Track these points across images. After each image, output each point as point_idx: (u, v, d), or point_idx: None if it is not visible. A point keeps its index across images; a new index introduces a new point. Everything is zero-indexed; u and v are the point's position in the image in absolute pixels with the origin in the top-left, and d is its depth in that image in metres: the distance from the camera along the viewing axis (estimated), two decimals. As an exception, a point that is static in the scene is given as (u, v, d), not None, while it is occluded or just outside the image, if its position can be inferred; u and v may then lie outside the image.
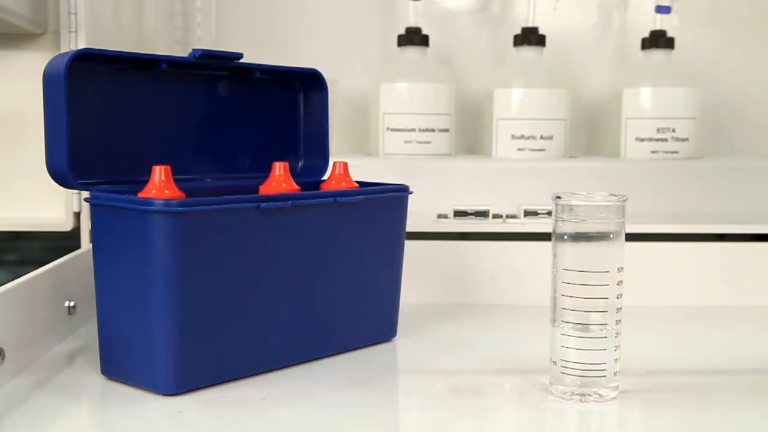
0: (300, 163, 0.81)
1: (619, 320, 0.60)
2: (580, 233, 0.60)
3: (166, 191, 0.63)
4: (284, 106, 0.81)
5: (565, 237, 0.60)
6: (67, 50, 0.76)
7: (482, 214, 0.93)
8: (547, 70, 1.07)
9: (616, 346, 0.60)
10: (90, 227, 0.69)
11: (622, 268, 0.60)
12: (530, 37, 1.07)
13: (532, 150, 1.03)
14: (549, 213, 0.91)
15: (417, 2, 1.08)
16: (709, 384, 0.67)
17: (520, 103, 1.04)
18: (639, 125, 1.04)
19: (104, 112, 0.68)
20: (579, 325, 0.60)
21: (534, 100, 1.04)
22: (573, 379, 0.60)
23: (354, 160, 0.79)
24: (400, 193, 0.74)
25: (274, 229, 0.65)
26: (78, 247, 0.82)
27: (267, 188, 0.72)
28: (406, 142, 1.04)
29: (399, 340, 0.77)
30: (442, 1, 1.13)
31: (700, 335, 0.83)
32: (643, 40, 1.08)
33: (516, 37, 1.08)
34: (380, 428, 0.58)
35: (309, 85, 0.80)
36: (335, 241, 0.69)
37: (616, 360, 0.61)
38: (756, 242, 0.95)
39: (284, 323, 0.67)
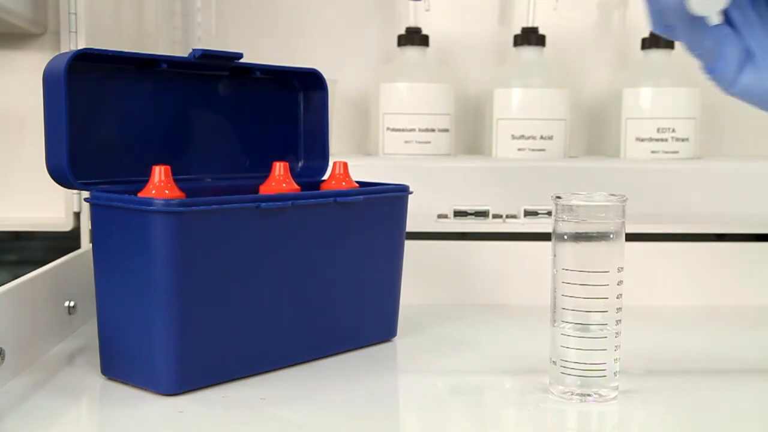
0: (300, 163, 0.81)
1: (619, 320, 0.60)
2: (580, 233, 0.60)
3: (166, 191, 0.63)
4: (284, 106, 0.81)
5: (565, 237, 0.60)
6: (67, 50, 0.76)
7: (482, 214, 0.93)
8: (547, 70, 1.07)
9: (616, 346, 0.60)
10: (90, 227, 0.69)
11: (622, 268, 0.60)
12: (530, 37, 1.07)
13: (532, 150, 1.03)
14: (549, 213, 0.91)
15: (417, 2, 1.08)
16: (709, 384, 0.67)
17: (520, 103, 1.04)
18: (639, 125, 1.04)
19: (104, 112, 0.68)
20: (579, 325, 0.60)
21: (534, 100, 1.04)
22: (573, 379, 0.60)
23: (354, 160, 0.79)
24: (400, 193, 0.74)
25: (274, 229, 0.65)
26: (78, 247, 0.82)
27: (267, 188, 0.72)
28: (406, 142, 1.04)
29: (399, 340, 0.77)
30: (442, 1, 1.13)
31: (699, 335, 0.83)
32: (643, 40, 1.08)
33: (516, 37, 1.08)
34: (380, 428, 0.58)
35: (309, 85, 0.80)
36: (335, 241, 0.69)
37: (616, 360, 0.61)
38: (756, 242, 0.95)
39: (284, 323, 0.67)
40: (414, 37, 1.07)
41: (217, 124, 0.77)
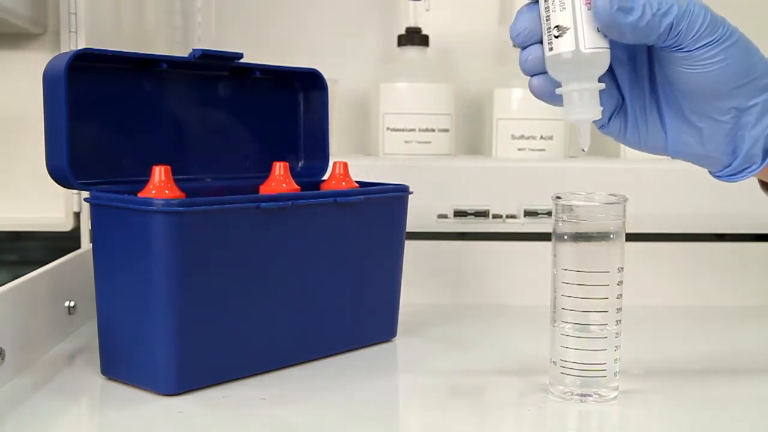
0: (300, 163, 0.81)
1: (619, 320, 0.60)
2: (580, 233, 0.60)
3: (166, 191, 0.63)
4: (284, 106, 0.81)
5: (565, 237, 0.60)
6: (67, 50, 0.76)
7: (482, 214, 0.93)
8: (547, 70, 1.07)
9: (616, 346, 0.60)
10: (90, 227, 0.69)
11: (622, 268, 0.60)
12: (530, 37, 1.07)
13: (532, 150, 1.03)
14: (549, 213, 0.91)
15: (417, 2, 1.08)
16: (709, 384, 0.67)
17: (520, 103, 1.04)
18: (639, 125, 1.04)
19: (104, 112, 0.68)
20: (579, 326, 0.60)
21: (534, 100, 1.04)
22: (573, 379, 0.60)
23: (354, 160, 0.79)
24: (400, 193, 0.74)
25: (274, 229, 0.65)
26: (78, 247, 0.82)
27: (267, 188, 0.72)
28: (406, 142, 1.04)
29: (399, 340, 0.77)
30: (442, 1, 1.13)
31: (700, 335, 0.83)
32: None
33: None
34: (380, 428, 0.58)
35: (309, 85, 0.80)
36: (335, 241, 0.69)
37: (616, 360, 0.61)
38: (756, 242, 0.95)
39: (284, 323, 0.67)
40: (414, 37, 1.07)
41: (217, 124, 0.77)
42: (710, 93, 0.56)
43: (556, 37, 0.54)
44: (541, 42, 0.56)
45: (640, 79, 0.59)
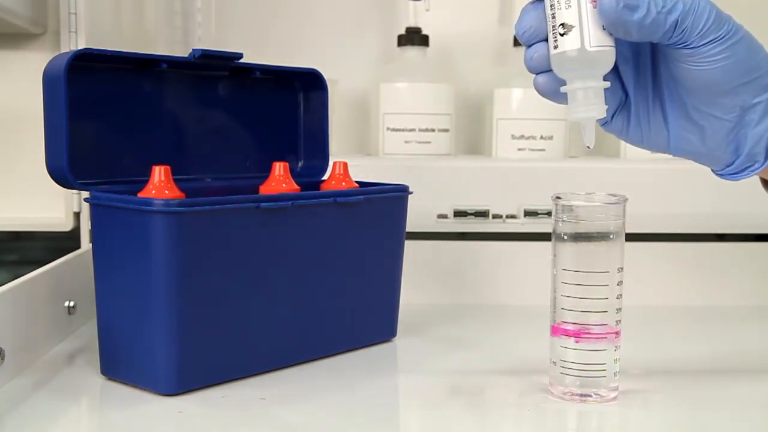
0: (300, 163, 0.81)
1: (619, 320, 0.60)
2: (580, 233, 0.60)
3: (166, 191, 0.63)
4: (284, 106, 0.81)
5: (565, 237, 0.60)
6: (67, 50, 0.76)
7: (482, 214, 0.93)
8: (547, 70, 1.07)
9: (615, 347, 0.60)
10: (90, 227, 0.69)
11: (622, 268, 0.60)
12: (530, 37, 1.07)
13: (532, 150, 1.03)
14: (549, 213, 0.91)
15: (417, 2, 1.08)
16: (709, 384, 0.67)
17: (520, 103, 1.04)
18: (639, 125, 1.04)
19: (104, 112, 0.68)
20: (579, 325, 0.60)
21: (534, 100, 1.03)
22: (573, 379, 0.60)
23: (354, 160, 0.79)
24: (400, 193, 0.75)
25: (274, 229, 0.65)
26: (78, 247, 0.82)
27: (267, 188, 0.72)
28: (406, 142, 1.04)
29: (399, 340, 0.77)
30: (442, 1, 1.13)
31: (699, 335, 0.83)
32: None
33: (516, 37, 1.08)
34: (380, 428, 0.58)
35: (309, 85, 0.80)
36: (335, 241, 0.69)
37: (615, 360, 0.61)
38: (756, 242, 0.95)
39: (284, 323, 0.67)
40: (414, 37, 1.07)
41: (217, 124, 0.77)
42: (715, 90, 0.56)
43: (562, 35, 0.54)
44: (546, 40, 0.56)
45: (644, 77, 0.59)
